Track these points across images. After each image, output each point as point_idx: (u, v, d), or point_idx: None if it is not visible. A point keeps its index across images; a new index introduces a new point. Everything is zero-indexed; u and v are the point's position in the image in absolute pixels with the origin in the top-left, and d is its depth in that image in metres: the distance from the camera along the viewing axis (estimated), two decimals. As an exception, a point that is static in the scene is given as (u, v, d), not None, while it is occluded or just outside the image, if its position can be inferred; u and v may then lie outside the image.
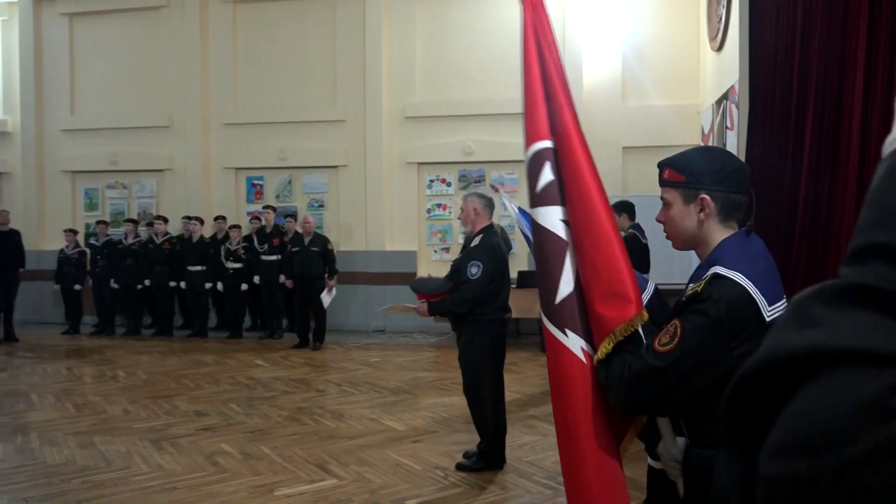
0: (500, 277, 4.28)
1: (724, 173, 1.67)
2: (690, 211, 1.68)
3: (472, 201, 4.39)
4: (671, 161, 1.74)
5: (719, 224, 1.67)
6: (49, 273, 10.82)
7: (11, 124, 11.80)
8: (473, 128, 10.19)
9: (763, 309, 1.50)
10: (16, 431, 5.32)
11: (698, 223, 1.67)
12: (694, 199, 1.67)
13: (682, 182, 1.68)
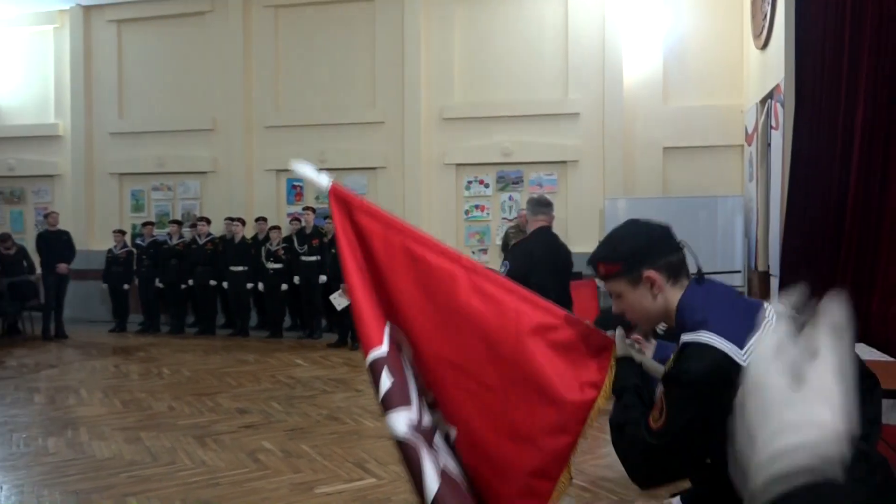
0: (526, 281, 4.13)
1: (653, 242, 1.69)
2: (642, 292, 1.66)
3: (528, 207, 4.47)
4: (599, 255, 1.74)
5: (672, 289, 1.66)
6: (97, 272, 11.14)
7: (62, 128, 12.18)
8: (512, 129, 10.17)
9: (737, 357, 1.46)
10: (66, 426, 5.49)
11: (654, 300, 1.66)
12: (639, 280, 1.66)
13: (621, 270, 1.67)
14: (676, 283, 1.67)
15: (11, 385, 7.02)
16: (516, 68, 10.19)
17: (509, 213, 10.23)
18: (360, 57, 10.79)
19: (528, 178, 10.22)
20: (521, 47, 10.16)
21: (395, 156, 10.60)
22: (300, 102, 11.08)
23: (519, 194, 10.24)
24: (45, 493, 4.05)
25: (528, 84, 10.15)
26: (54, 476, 4.34)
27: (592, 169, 9.88)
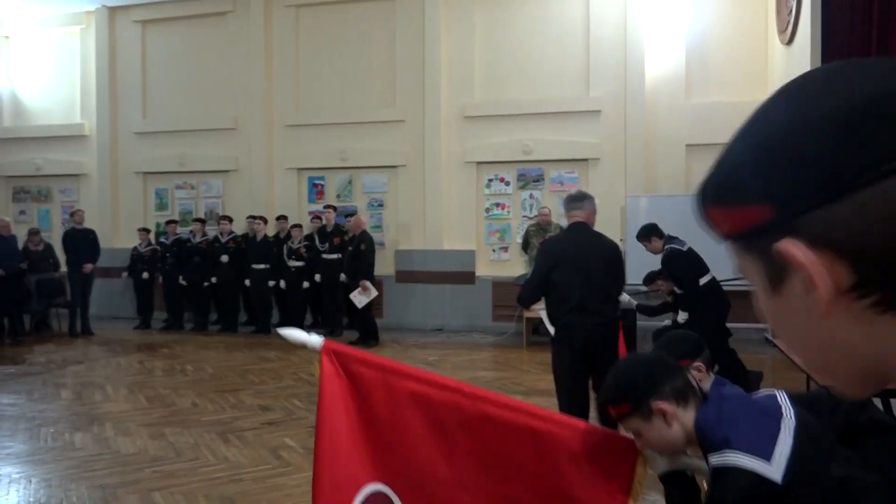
0: (548, 276, 3.99)
1: (652, 373, 1.70)
2: (657, 425, 1.65)
3: None
4: (607, 398, 1.75)
5: (685, 412, 1.65)
6: (123, 270, 11.30)
7: (88, 128, 12.36)
8: (532, 126, 10.14)
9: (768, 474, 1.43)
10: (93, 421, 5.58)
11: (670, 428, 1.65)
12: (651, 414, 1.65)
13: (630, 409, 1.68)
14: (688, 405, 1.66)
15: (39, 380, 7.14)
16: (537, 65, 10.15)
17: (530, 211, 10.20)
18: (380, 55, 10.82)
19: (548, 176, 10.18)
20: (541, 44, 10.12)
21: (415, 154, 10.61)
22: (321, 101, 11.13)
23: (539, 192, 10.21)
24: (73, 487, 4.11)
25: (549, 81, 10.11)
26: (81, 470, 4.41)
27: (614, 167, 9.82)
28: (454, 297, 10.36)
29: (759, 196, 0.53)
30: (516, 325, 9.73)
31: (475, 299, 10.25)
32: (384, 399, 1.83)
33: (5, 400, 6.33)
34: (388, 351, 8.73)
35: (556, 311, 4.01)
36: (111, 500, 3.88)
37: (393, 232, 10.80)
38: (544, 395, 6.39)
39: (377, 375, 1.85)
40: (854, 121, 0.49)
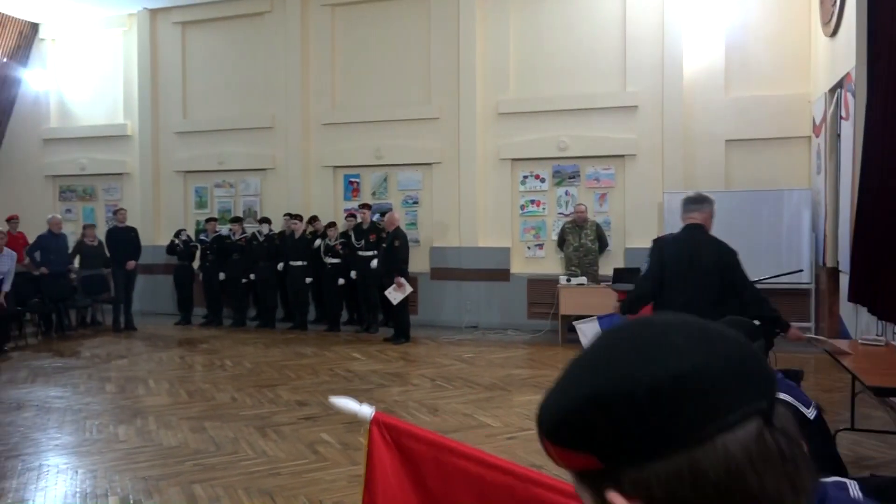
0: (661, 277, 3.94)
1: None
2: None
3: None
4: None
5: None
6: (163, 267, 11.56)
7: (131, 128, 12.64)
8: (568, 123, 10.06)
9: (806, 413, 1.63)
10: (136, 414, 5.71)
11: None
12: None
13: None
14: None
15: (85, 374, 7.34)
16: (572, 61, 10.07)
17: (565, 207, 10.13)
18: (415, 53, 10.85)
19: (584, 173, 10.10)
20: (577, 40, 10.04)
21: (450, 151, 10.62)
22: (356, 99, 11.21)
23: (575, 189, 10.13)
24: (117, 478, 4.22)
25: (584, 77, 10.02)
26: (125, 462, 4.53)
27: (651, 163, 9.69)
28: (489, 294, 10.35)
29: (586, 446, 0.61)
30: (551, 323, 9.69)
31: (510, 296, 10.23)
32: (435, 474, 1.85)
33: (53, 392, 6.53)
34: (422, 348, 8.77)
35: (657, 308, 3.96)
36: (153, 492, 3.98)
37: (428, 229, 10.83)
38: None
39: (427, 450, 1.88)
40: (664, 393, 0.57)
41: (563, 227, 9.64)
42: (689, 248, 3.97)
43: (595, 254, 9.37)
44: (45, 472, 4.37)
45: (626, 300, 4.13)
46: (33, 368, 7.69)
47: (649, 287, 3.97)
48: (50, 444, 4.96)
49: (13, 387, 6.80)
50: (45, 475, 4.31)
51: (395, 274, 8.87)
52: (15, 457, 4.67)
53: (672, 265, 3.93)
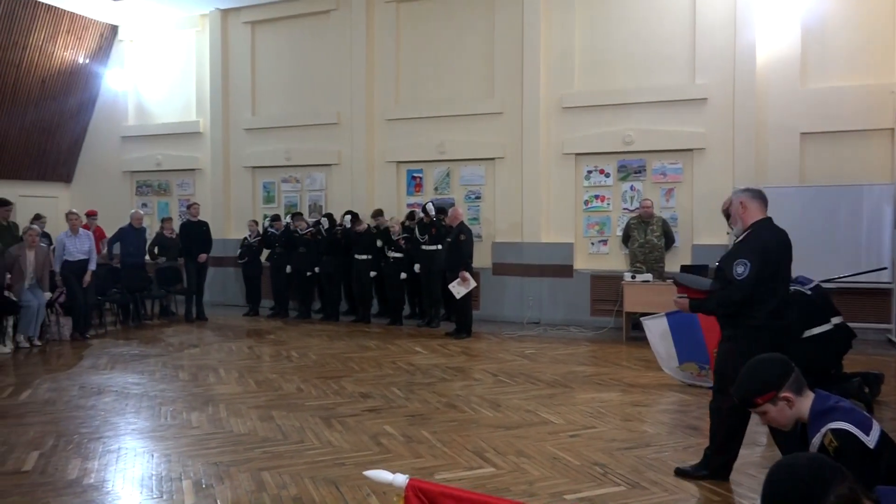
0: (771, 278, 3.80)
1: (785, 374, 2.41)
2: (781, 407, 2.40)
3: (738, 196, 4.01)
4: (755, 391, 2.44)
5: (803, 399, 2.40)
6: (233, 260, 11.92)
7: (203, 125, 13.07)
8: (634, 116, 9.87)
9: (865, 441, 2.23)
10: (207, 402, 5.92)
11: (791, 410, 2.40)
12: (779, 400, 2.40)
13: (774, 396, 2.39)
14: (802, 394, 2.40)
15: (160, 362, 7.65)
16: (639, 53, 9.86)
17: (630, 203, 9.94)
18: (478, 48, 10.83)
19: (650, 168, 9.88)
20: (644, 31, 9.82)
21: (513, 146, 10.57)
22: (420, 95, 11.27)
23: (641, 184, 9.92)
24: (190, 462, 4.39)
25: (651, 69, 9.80)
26: (197, 448, 4.69)
27: (721, 157, 9.41)
28: (551, 290, 10.26)
29: None
30: (615, 320, 9.54)
31: (573, 293, 10.12)
32: None
33: (131, 379, 6.83)
34: (483, 343, 8.77)
35: (751, 310, 3.80)
36: (224, 477, 4.11)
37: (490, 224, 10.82)
38: (645, 389, 6.24)
39: None
40: None
41: (628, 222, 9.47)
42: (778, 244, 3.88)
43: (661, 250, 9.17)
44: (124, 454, 4.58)
45: (718, 302, 3.89)
46: (112, 355, 8.06)
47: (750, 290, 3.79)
48: (128, 428, 5.19)
49: (95, 372, 7.15)
50: (124, 457, 4.51)
51: (461, 268, 8.88)
52: (97, 439, 4.90)
53: (771, 264, 3.81)
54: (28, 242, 8.52)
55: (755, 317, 3.79)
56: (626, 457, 4.43)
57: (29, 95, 12.97)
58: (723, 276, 3.87)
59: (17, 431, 5.07)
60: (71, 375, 7.01)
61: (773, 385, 2.38)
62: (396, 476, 1.91)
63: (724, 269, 3.85)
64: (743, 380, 2.48)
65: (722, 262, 3.95)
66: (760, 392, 2.41)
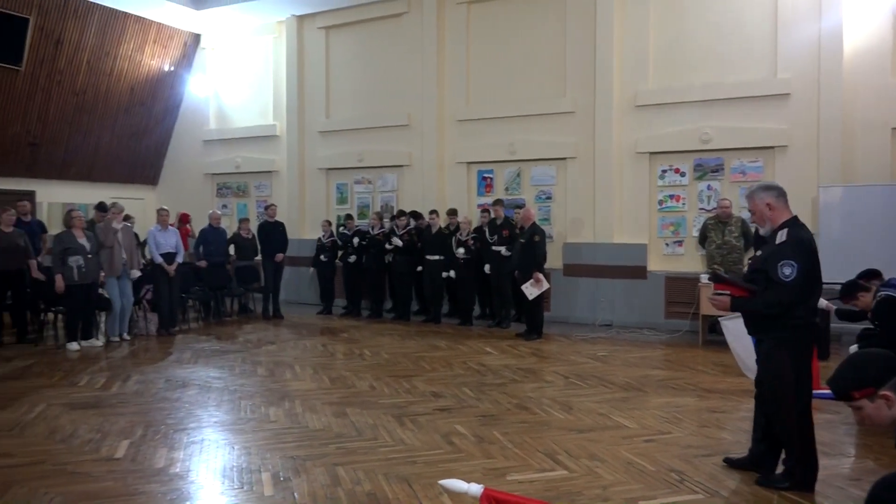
0: (812, 277, 3.77)
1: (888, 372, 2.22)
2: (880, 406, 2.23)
3: (760, 197, 3.96)
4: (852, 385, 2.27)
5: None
6: (308, 259, 12.23)
7: (279, 128, 13.47)
8: (711, 113, 9.58)
9: None
10: (284, 397, 6.10)
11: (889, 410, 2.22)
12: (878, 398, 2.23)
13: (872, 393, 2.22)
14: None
15: (239, 358, 7.93)
16: (717, 48, 9.57)
17: (707, 203, 9.66)
18: (550, 46, 10.74)
19: (728, 166, 9.57)
20: (722, 24, 9.52)
21: (585, 145, 10.43)
22: (490, 95, 11.28)
23: (719, 183, 9.63)
24: (268, 455, 4.53)
25: (729, 65, 9.50)
26: (274, 442, 4.84)
27: (805, 154, 9.02)
28: (624, 291, 10.08)
29: None
30: (691, 323, 9.29)
31: (647, 295, 9.90)
32: None
33: (212, 373, 7.10)
34: (554, 345, 8.70)
35: (795, 310, 3.75)
36: (300, 471, 4.23)
37: (561, 225, 10.72)
38: (724, 395, 6.05)
39: None
40: None
41: (705, 223, 9.19)
42: (814, 244, 3.85)
43: (740, 251, 8.86)
44: (207, 445, 4.77)
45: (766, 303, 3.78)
46: (195, 350, 8.41)
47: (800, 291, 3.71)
48: (210, 421, 5.40)
49: (179, 366, 7.48)
50: (207, 448, 4.70)
51: (534, 269, 8.84)
52: (181, 430, 5.13)
53: (813, 263, 3.78)
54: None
55: (799, 317, 3.74)
56: (704, 464, 4.31)
57: (119, 102, 13.68)
58: (761, 278, 3.80)
59: (110, 421, 5.36)
60: (157, 369, 7.35)
61: (874, 380, 2.24)
62: (471, 486, 1.93)
63: (766, 270, 3.78)
64: (842, 371, 2.34)
65: (760, 264, 3.88)
66: (859, 386, 2.27)
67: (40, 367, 7.46)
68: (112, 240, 8.76)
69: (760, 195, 3.97)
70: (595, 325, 10.10)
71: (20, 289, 8.82)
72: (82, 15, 12.24)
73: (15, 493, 3.91)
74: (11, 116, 12.21)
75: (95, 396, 6.17)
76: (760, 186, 4.06)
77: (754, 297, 3.85)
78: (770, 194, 3.94)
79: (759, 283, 3.83)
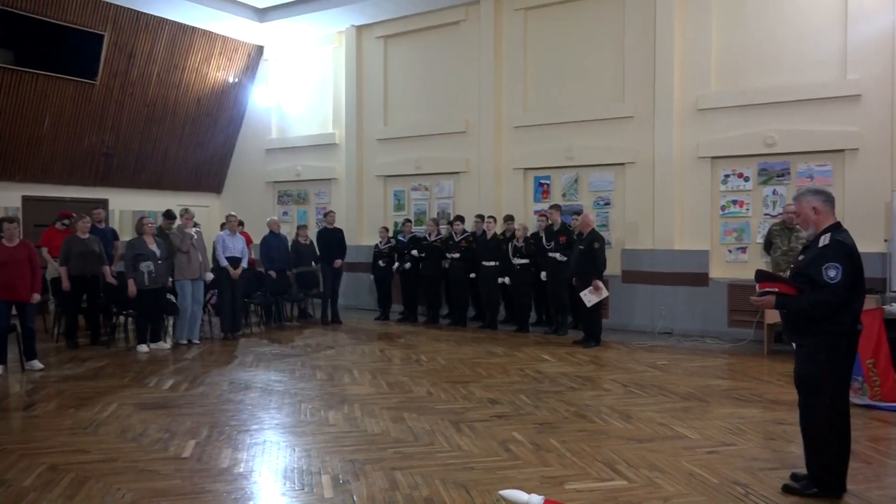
0: (856, 283, 3.72)
1: None
2: None
3: (807, 200, 3.91)
4: None
5: None
6: (366, 265, 12.39)
7: (338, 137, 13.72)
8: (776, 116, 9.30)
9: None
10: (343, 401, 6.19)
11: None
12: None
13: None
14: None
15: (299, 362, 8.10)
16: (782, 49, 9.29)
17: (772, 208, 9.37)
18: (608, 51, 10.63)
19: (795, 170, 9.27)
20: (787, 24, 9.24)
21: (644, 150, 10.27)
22: (548, 101, 11.23)
23: (784, 188, 9.33)
24: (328, 458, 4.61)
25: (796, 66, 9.20)
26: (334, 445, 4.92)
27: (877, 157, 8.66)
28: (685, 299, 9.86)
29: None
30: (755, 332, 9.02)
31: (708, 302, 9.66)
32: None
33: (273, 377, 7.28)
34: (613, 353, 8.57)
35: (838, 315, 3.71)
36: (360, 474, 4.29)
37: (620, 231, 10.57)
38: (791, 407, 5.84)
39: None
40: None
41: (770, 229, 8.90)
42: (856, 248, 3.81)
43: (808, 258, 8.55)
44: (269, 447, 4.89)
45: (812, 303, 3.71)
46: (257, 354, 8.62)
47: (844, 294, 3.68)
48: (272, 423, 5.53)
49: (242, 369, 7.69)
50: (269, 450, 4.82)
51: (594, 277, 8.74)
52: (244, 431, 5.27)
53: (857, 268, 3.73)
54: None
55: (842, 322, 3.69)
56: (770, 478, 4.18)
57: (186, 113, 14.18)
58: (805, 281, 3.75)
59: (178, 421, 5.55)
60: (222, 372, 7.57)
61: None
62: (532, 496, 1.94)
63: (809, 274, 3.73)
64: None
65: (803, 268, 3.82)
66: None
67: (112, 368, 7.78)
68: (188, 244, 9.10)
69: (808, 198, 3.94)
70: (654, 332, 9.91)
71: (95, 293, 9.22)
72: (153, 29, 12.75)
73: (90, 487, 4.09)
74: (87, 128, 12.81)
75: (164, 397, 6.40)
76: (809, 190, 4.03)
77: (800, 297, 3.79)
78: (818, 198, 3.92)
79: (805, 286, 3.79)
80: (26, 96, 11.73)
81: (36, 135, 12.17)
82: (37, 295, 7.61)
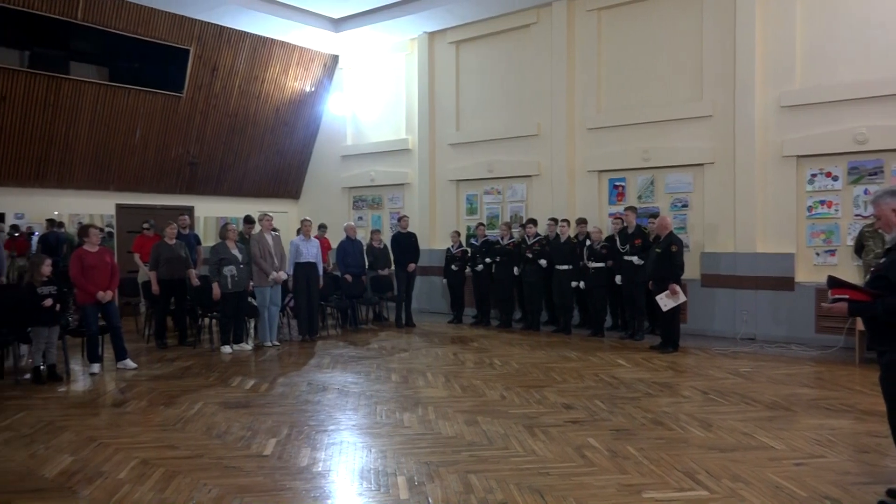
0: None
1: None
2: None
3: (886, 202, 3.73)
4: None
5: None
6: (439, 269, 12.48)
7: (412, 142, 13.89)
8: (868, 112, 8.84)
9: None
10: (417, 404, 6.26)
11: None
12: None
13: None
14: None
15: (374, 364, 8.23)
16: (874, 42, 8.82)
17: (864, 209, 8.90)
18: (685, 49, 10.36)
19: (889, 168, 8.78)
20: (876, 15, 8.77)
21: (724, 150, 9.95)
22: (622, 102, 11.03)
23: (878, 187, 8.84)
24: (403, 460, 4.67)
25: (887, 59, 8.72)
26: (409, 447, 4.99)
27: (982, 153, 8.10)
28: (769, 304, 9.48)
29: None
30: (845, 339, 8.58)
31: (794, 308, 9.26)
32: None
33: (349, 378, 7.43)
34: (691, 359, 8.34)
35: None
36: (434, 477, 4.32)
37: (699, 233, 10.26)
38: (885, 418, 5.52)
39: None
40: None
41: (861, 230, 8.47)
42: None
43: (904, 261, 8.08)
44: (346, 447, 4.99)
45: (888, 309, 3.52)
46: (334, 356, 8.82)
47: None
48: (348, 424, 5.65)
49: (319, 371, 7.88)
50: (346, 450, 4.92)
51: (671, 280, 8.53)
52: (322, 431, 5.40)
53: None
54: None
55: None
56: (864, 492, 3.97)
57: (266, 123, 14.67)
58: (884, 286, 3.55)
59: (259, 420, 5.75)
60: (300, 373, 7.79)
61: None
62: None
63: (888, 276, 3.53)
64: None
65: (883, 270, 3.62)
66: None
67: (198, 368, 8.12)
68: (266, 247, 9.42)
69: (886, 200, 3.73)
70: (736, 338, 9.57)
71: (182, 296, 9.65)
72: (235, 43, 13.27)
73: (179, 482, 4.29)
74: (174, 139, 13.44)
75: (246, 397, 6.64)
76: (887, 191, 3.80)
77: (874, 302, 3.58)
78: None
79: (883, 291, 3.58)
80: (119, 110, 12.42)
81: (128, 146, 12.86)
82: (110, 292, 7.91)
